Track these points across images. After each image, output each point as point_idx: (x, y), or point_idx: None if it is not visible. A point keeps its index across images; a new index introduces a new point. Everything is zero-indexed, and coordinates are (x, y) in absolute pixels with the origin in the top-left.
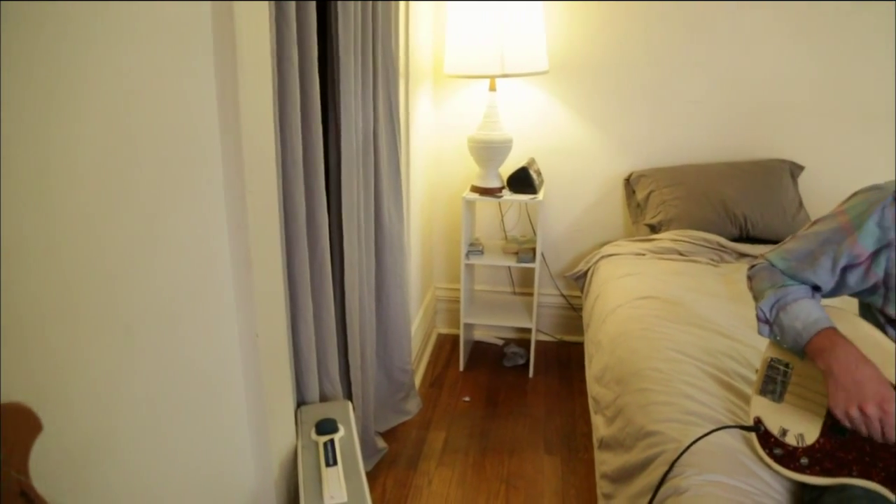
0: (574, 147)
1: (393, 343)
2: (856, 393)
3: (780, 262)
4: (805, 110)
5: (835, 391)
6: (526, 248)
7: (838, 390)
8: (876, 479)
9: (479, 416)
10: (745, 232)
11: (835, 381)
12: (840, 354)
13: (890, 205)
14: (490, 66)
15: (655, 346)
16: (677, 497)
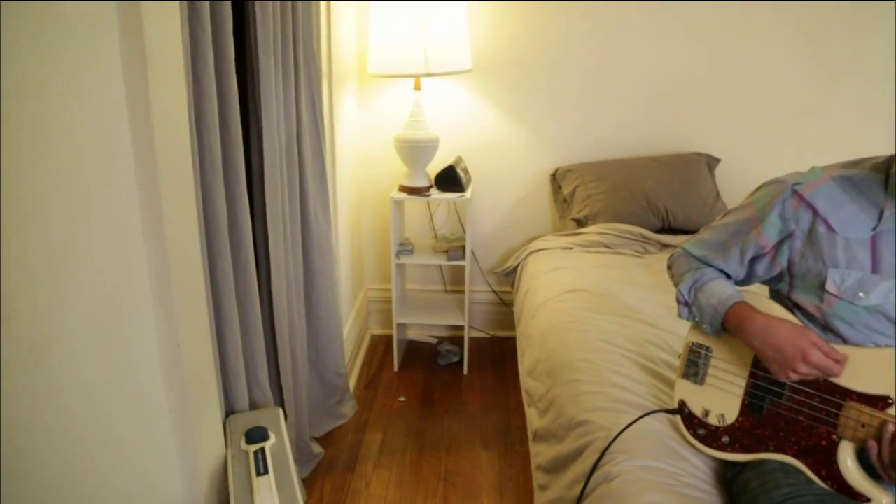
0: (500, 144)
1: (325, 346)
2: (782, 359)
3: (695, 251)
4: (720, 105)
5: (768, 364)
6: (456, 245)
7: (769, 363)
8: (790, 453)
9: (416, 416)
10: (667, 223)
11: (762, 356)
12: (754, 327)
13: (790, 197)
14: (414, 65)
15: (584, 338)
16: (608, 484)
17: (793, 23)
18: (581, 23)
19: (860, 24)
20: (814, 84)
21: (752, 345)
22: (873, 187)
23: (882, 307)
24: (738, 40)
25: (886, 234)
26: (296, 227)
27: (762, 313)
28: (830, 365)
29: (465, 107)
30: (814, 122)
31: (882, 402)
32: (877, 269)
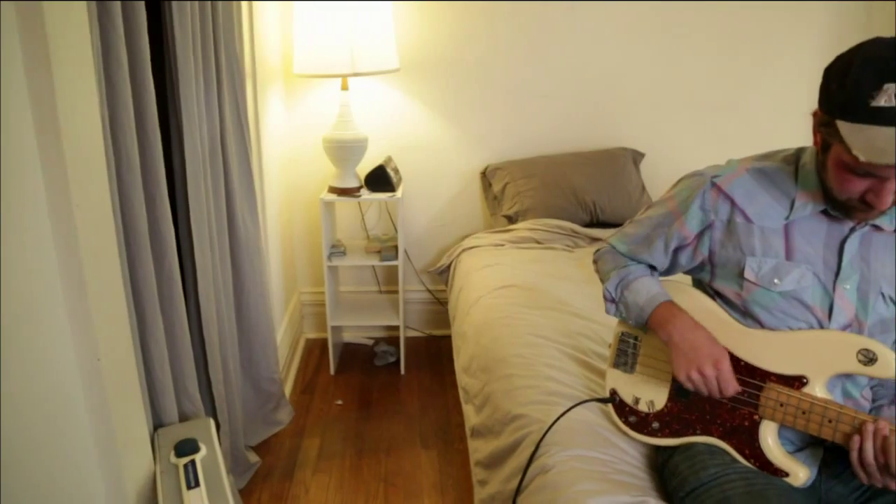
0: (430, 143)
1: (258, 353)
2: (693, 357)
3: (620, 246)
4: (644, 102)
5: (676, 358)
6: (388, 246)
7: (679, 357)
8: (715, 435)
9: (354, 419)
10: (596, 217)
11: (675, 349)
12: (677, 324)
13: (709, 189)
14: (340, 65)
15: (517, 333)
16: (544, 475)
17: (712, 22)
18: (507, 22)
19: (776, 23)
20: (732, 81)
21: (671, 337)
22: (784, 179)
23: (796, 292)
24: (661, 39)
25: (798, 222)
26: (222, 231)
27: (689, 315)
28: (731, 383)
29: (393, 106)
30: (732, 116)
31: (797, 381)
32: (790, 257)
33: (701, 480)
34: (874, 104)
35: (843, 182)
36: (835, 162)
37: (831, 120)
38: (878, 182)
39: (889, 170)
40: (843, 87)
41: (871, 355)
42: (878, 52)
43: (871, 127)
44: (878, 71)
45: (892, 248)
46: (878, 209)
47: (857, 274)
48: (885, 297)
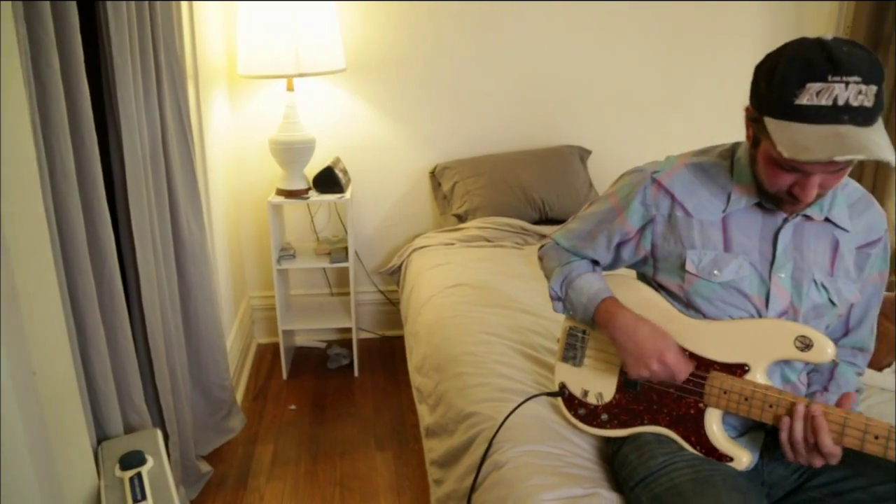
0: (378, 143)
1: (207, 360)
2: (640, 355)
3: (564, 242)
4: (590, 100)
5: (625, 358)
6: (339, 247)
7: (627, 356)
8: (663, 424)
9: (307, 423)
10: (544, 214)
11: (622, 349)
12: (619, 323)
13: (650, 185)
14: (285, 65)
15: (468, 331)
16: (497, 471)
17: (654, 22)
18: (453, 21)
19: (713, 23)
20: (674, 79)
21: (616, 338)
22: (721, 173)
23: (734, 282)
24: (606, 38)
25: (734, 215)
26: (166, 236)
27: (631, 312)
28: (682, 369)
29: (340, 107)
30: (674, 113)
31: (739, 369)
32: (728, 248)
33: (650, 469)
34: (798, 102)
35: (771, 176)
36: (764, 156)
37: (760, 116)
38: (803, 177)
39: (813, 166)
40: (770, 86)
41: (808, 341)
42: (802, 53)
43: (795, 124)
44: (801, 71)
45: (822, 236)
46: (803, 202)
47: (791, 263)
48: (818, 284)
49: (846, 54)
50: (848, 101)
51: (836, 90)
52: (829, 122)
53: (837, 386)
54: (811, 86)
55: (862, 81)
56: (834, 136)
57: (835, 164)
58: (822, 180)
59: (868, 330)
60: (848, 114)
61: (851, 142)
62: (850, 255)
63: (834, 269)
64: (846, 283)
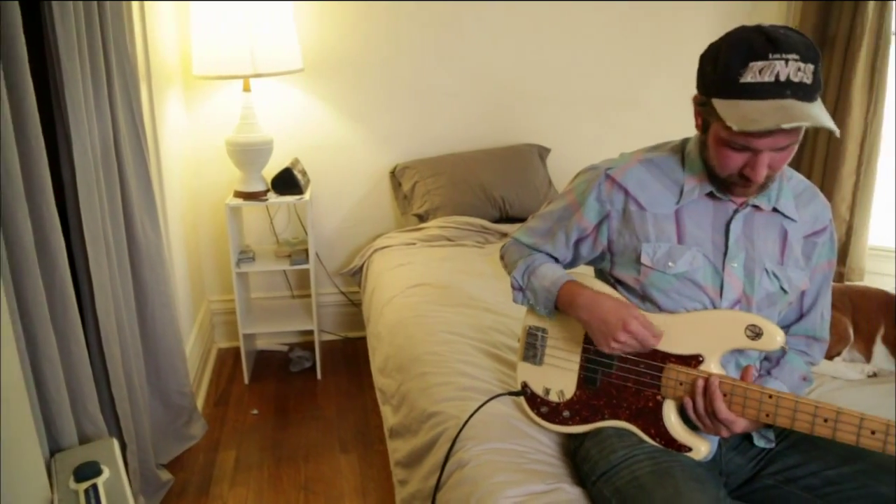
0: (338, 144)
1: (165, 366)
2: (605, 329)
3: (525, 240)
4: (548, 99)
5: (592, 335)
6: (299, 249)
7: (594, 333)
8: (623, 418)
9: (270, 428)
10: (505, 213)
11: (588, 327)
12: (581, 301)
13: (604, 181)
14: (241, 66)
15: (430, 331)
16: (461, 470)
17: (611, 21)
18: (410, 21)
19: (668, 22)
20: (630, 77)
21: (581, 317)
22: (673, 167)
23: (689, 273)
24: (564, 37)
25: (687, 207)
26: (120, 241)
27: (591, 290)
28: (647, 335)
29: (298, 107)
30: (632, 111)
31: (694, 360)
32: (682, 240)
33: (611, 463)
34: (743, 81)
35: (723, 158)
36: (714, 139)
37: (708, 100)
38: (752, 156)
39: (761, 141)
40: (716, 68)
41: (758, 330)
42: (743, 36)
43: (742, 101)
44: (744, 51)
45: (771, 226)
46: (755, 182)
47: (743, 253)
48: (769, 273)
49: (783, 35)
50: (789, 77)
51: (777, 67)
52: (774, 97)
53: (782, 371)
54: (754, 64)
55: (800, 59)
56: (779, 108)
57: (782, 141)
58: (771, 160)
59: (819, 316)
60: (790, 88)
61: (796, 112)
62: (799, 243)
63: (784, 257)
64: (796, 270)
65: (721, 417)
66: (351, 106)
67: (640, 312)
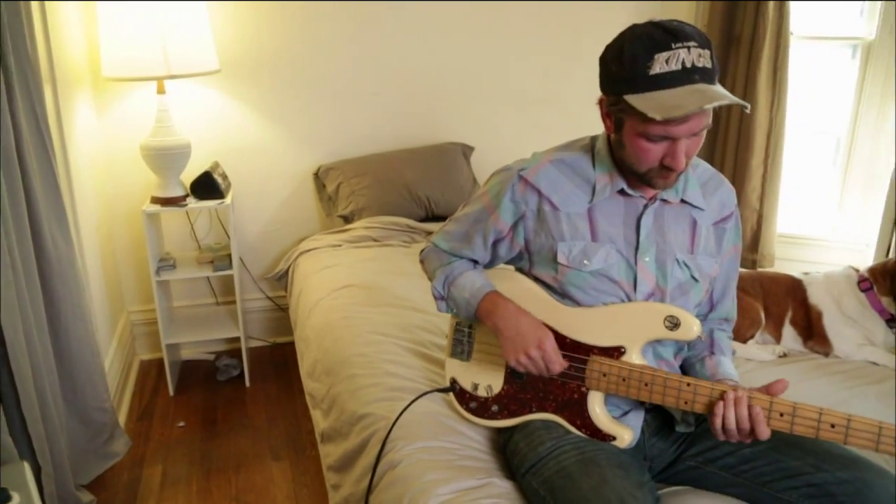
0: (259, 146)
1: (82, 382)
2: (520, 342)
3: (443, 245)
4: (471, 97)
5: (504, 345)
6: (222, 255)
7: (506, 344)
8: (549, 410)
9: (198, 439)
10: (431, 212)
11: (501, 337)
12: (501, 313)
13: (517, 182)
14: (154, 67)
15: (357, 332)
16: (393, 470)
17: (531, 19)
18: (330, 20)
19: (584, 21)
20: (550, 75)
21: (497, 325)
22: (584, 166)
23: (604, 270)
24: (485, 36)
25: (599, 205)
26: (27, 253)
27: (511, 302)
28: (556, 360)
29: (216, 109)
30: (552, 109)
31: (616, 351)
32: (595, 238)
33: (539, 455)
34: (652, 73)
35: (642, 153)
36: (631, 135)
37: (619, 98)
38: (671, 144)
39: (680, 128)
40: (623, 66)
41: (676, 321)
42: (640, 32)
43: (655, 93)
44: (647, 45)
45: (681, 217)
46: (677, 170)
47: (654, 246)
48: (680, 263)
49: (678, 25)
50: (694, 63)
51: (681, 55)
52: (685, 84)
53: (720, 349)
54: (659, 55)
55: (699, 46)
56: (694, 92)
57: (697, 126)
58: (687, 147)
59: (731, 301)
60: (697, 73)
61: (711, 93)
62: (708, 231)
63: (694, 247)
64: (706, 258)
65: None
66: (271, 107)
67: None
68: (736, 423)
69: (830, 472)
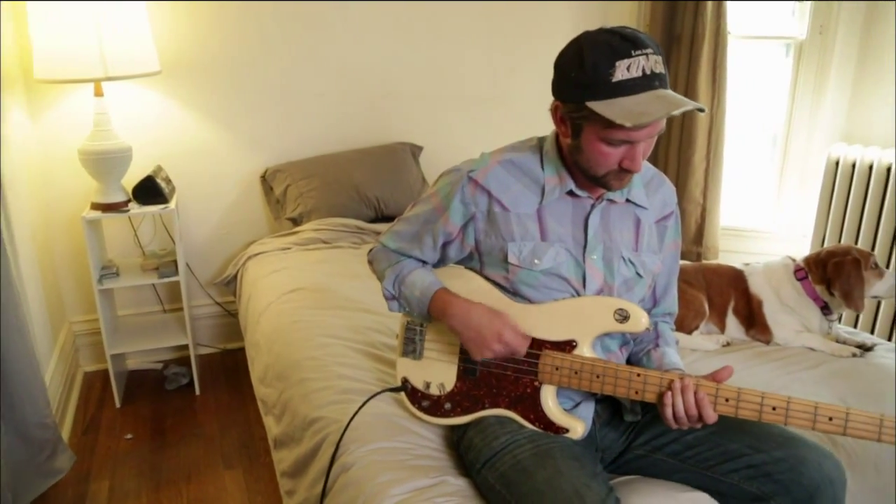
0: (203, 149)
1: (21, 397)
2: (480, 340)
3: (392, 244)
4: (419, 97)
5: (467, 345)
6: (167, 261)
7: (468, 343)
8: (503, 405)
9: (147, 451)
10: (380, 212)
11: (462, 337)
12: (453, 311)
13: (467, 183)
14: (90, 68)
15: (308, 336)
16: (346, 473)
17: (478, 19)
18: (273, 20)
19: (529, 21)
20: (498, 75)
21: (454, 327)
22: (532, 167)
23: (554, 268)
24: (433, 35)
25: (548, 206)
26: None
27: (462, 299)
28: (519, 343)
29: (158, 112)
30: (499, 107)
31: (568, 345)
32: (545, 238)
33: (493, 450)
34: (615, 80)
35: (601, 157)
36: (591, 141)
37: (580, 104)
38: (630, 148)
39: (641, 133)
40: (584, 73)
41: (625, 314)
42: (598, 39)
43: (619, 99)
44: (607, 53)
45: (626, 216)
46: (635, 171)
47: (602, 245)
48: (626, 260)
49: (632, 33)
50: (653, 69)
51: (641, 62)
52: (647, 90)
53: (665, 341)
54: (620, 62)
55: (654, 52)
56: (656, 98)
57: (654, 130)
58: (643, 149)
59: (672, 297)
60: (657, 80)
61: (673, 99)
62: (651, 229)
63: (638, 244)
64: (649, 255)
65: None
66: (215, 109)
67: (510, 319)
68: (684, 409)
69: (767, 453)
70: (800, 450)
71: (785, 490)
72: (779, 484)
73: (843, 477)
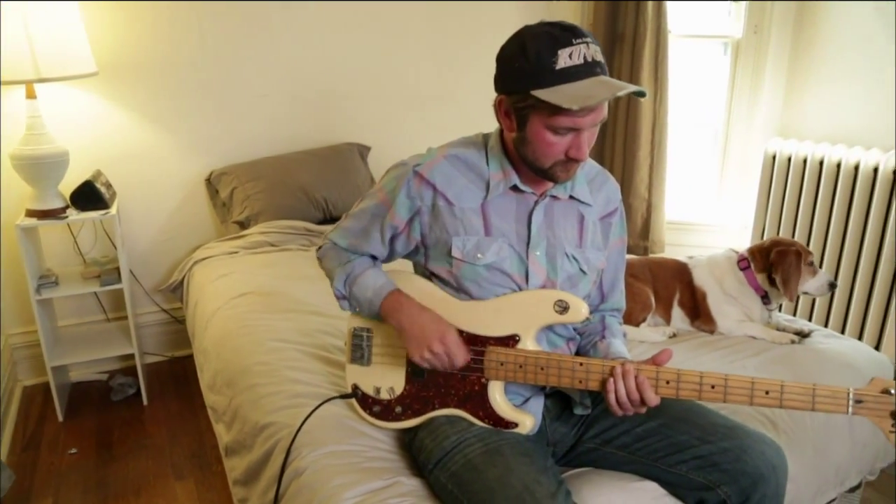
0: (145, 152)
1: None
2: (422, 338)
3: (341, 241)
4: (365, 97)
5: (407, 343)
6: (110, 268)
7: (409, 341)
8: (452, 405)
9: (93, 465)
10: (329, 213)
11: (405, 334)
12: (404, 311)
13: (412, 177)
14: (20, 69)
15: (257, 340)
16: (298, 478)
17: (425, 18)
18: (214, 20)
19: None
20: (445, 73)
21: (400, 323)
22: (477, 162)
23: (497, 263)
24: (377, 34)
25: (492, 201)
26: None
27: (414, 300)
28: (460, 352)
29: (96, 115)
30: (447, 106)
31: (511, 340)
32: (488, 233)
33: (444, 449)
34: (558, 68)
35: (547, 147)
36: (537, 130)
37: (525, 94)
38: (576, 136)
39: (586, 119)
40: (528, 62)
41: (565, 304)
42: (539, 31)
43: (564, 86)
44: (549, 42)
45: (569, 213)
46: (580, 160)
47: (545, 241)
48: (569, 256)
49: (571, 24)
50: (594, 57)
51: (581, 49)
52: (589, 76)
53: (611, 333)
54: (562, 51)
55: (593, 42)
56: (599, 83)
57: (598, 116)
58: (588, 138)
59: (619, 292)
60: (598, 67)
61: (615, 83)
62: (595, 226)
63: (582, 241)
64: (593, 251)
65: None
66: (156, 111)
67: (456, 332)
68: (626, 394)
69: (713, 443)
70: (744, 440)
71: (731, 479)
72: (725, 473)
73: (784, 463)
